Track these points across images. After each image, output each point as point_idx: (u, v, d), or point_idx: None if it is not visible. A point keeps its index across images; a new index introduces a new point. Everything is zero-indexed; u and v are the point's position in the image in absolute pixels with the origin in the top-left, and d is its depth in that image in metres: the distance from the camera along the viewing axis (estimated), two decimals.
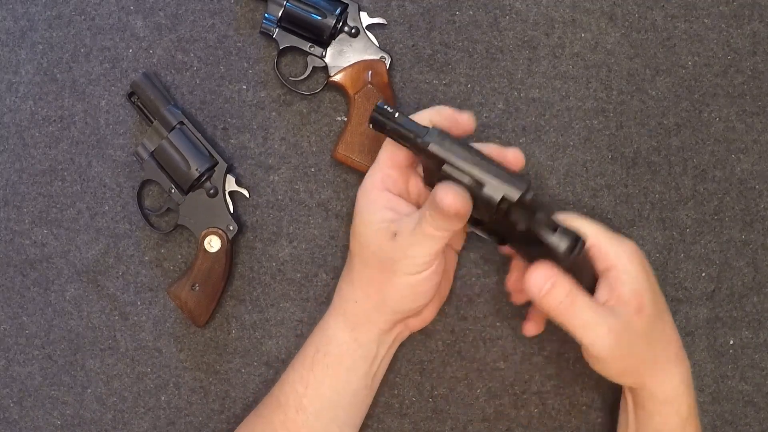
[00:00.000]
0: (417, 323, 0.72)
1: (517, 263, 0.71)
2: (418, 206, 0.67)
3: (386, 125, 0.64)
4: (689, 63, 0.79)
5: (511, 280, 0.71)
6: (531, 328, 0.73)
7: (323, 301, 0.78)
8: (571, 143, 0.78)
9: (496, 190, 0.61)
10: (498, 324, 0.78)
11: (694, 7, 0.79)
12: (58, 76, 0.79)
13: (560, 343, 0.78)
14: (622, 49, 0.79)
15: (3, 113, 0.79)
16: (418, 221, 0.62)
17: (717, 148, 0.79)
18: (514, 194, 0.61)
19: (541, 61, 0.79)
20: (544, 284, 0.61)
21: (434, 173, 0.64)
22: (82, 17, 0.79)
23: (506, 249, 0.70)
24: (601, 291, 0.64)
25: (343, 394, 0.67)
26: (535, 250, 0.62)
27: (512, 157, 0.64)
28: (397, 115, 0.64)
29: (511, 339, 0.78)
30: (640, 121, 0.79)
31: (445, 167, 0.62)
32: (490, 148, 0.65)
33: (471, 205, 0.61)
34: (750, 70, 0.79)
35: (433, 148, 0.62)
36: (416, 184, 0.68)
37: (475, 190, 0.61)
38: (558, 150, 0.78)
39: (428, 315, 0.72)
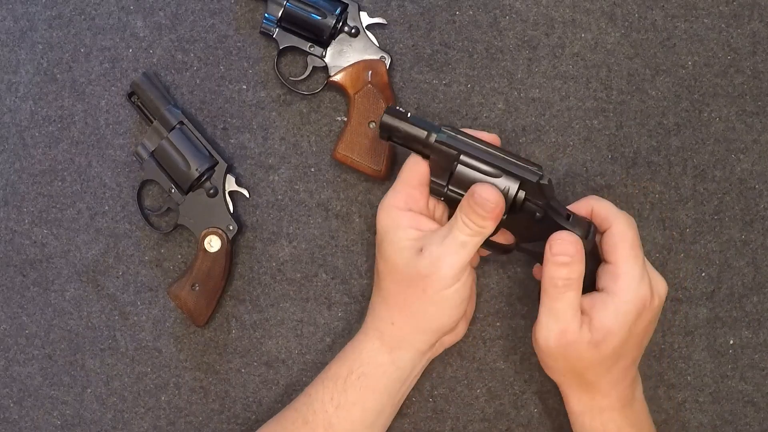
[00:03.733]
0: (450, 339, 0.72)
1: None
2: (440, 224, 0.68)
3: (399, 128, 0.65)
4: (689, 63, 0.79)
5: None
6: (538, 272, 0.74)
7: (323, 302, 0.78)
8: (571, 143, 0.78)
9: (514, 175, 0.63)
10: (498, 324, 0.78)
11: (694, 7, 0.79)
12: (58, 76, 0.79)
13: None
14: (622, 49, 0.79)
15: (3, 113, 0.79)
16: (449, 231, 0.64)
17: (717, 148, 0.79)
18: (533, 177, 0.63)
19: (541, 61, 0.79)
20: (564, 257, 0.62)
21: (445, 172, 0.65)
22: (82, 17, 0.79)
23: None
24: (601, 281, 0.66)
25: (372, 414, 0.68)
26: (543, 244, 0.64)
27: (489, 138, 0.67)
28: (409, 114, 0.66)
29: (511, 339, 0.78)
30: (640, 121, 0.79)
31: (463, 158, 0.64)
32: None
33: (504, 201, 0.62)
34: (750, 70, 0.79)
35: (450, 141, 0.64)
36: (436, 202, 0.69)
37: (494, 179, 0.63)
38: (558, 150, 0.78)
39: (460, 330, 0.73)
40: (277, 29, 0.75)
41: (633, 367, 0.67)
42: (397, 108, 0.66)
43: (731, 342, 0.79)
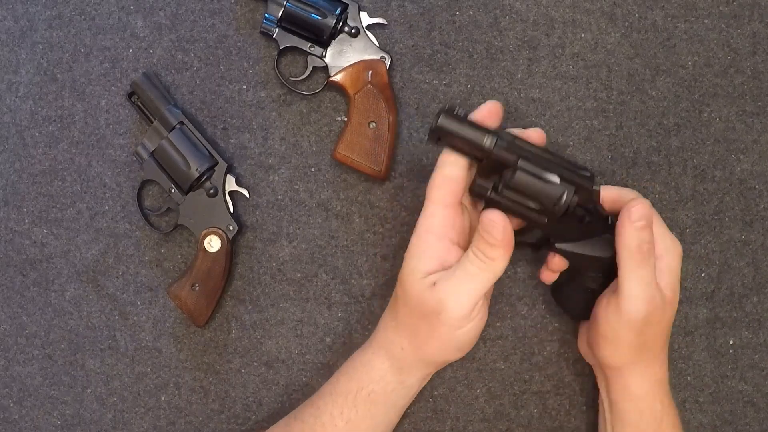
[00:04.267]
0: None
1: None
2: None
3: (458, 133, 0.60)
4: (689, 63, 0.79)
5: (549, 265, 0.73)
6: (548, 276, 0.74)
7: (323, 302, 0.78)
8: (571, 143, 0.78)
9: (571, 181, 0.61)
10: (498, 324, 0.78)
11: (694, 7, 0.79)
12: (58, 76, 0.79)
13: (560, 343, 0.78)
14: (622, 49, 0.79)
15: (3, 113, 0.79)
16: (459, 263, 0.62)
17: (717, 148, 0.79)
18: (589, 184, 0.62)
19: (541, 61, 0.79)
20: (643, 220, 0.62)
21: (494, 175, 0.62)
22: (82, 17, 0.79)
23: (547, 276, 0.72)
24: None
25: (380, 427, 0.69)
26: (581, 243, 0.65)
27: (535, 136, 0.65)
28: (465, 114, 0.61)
29: (511, 339, 0.78)
30: (640, 121, 0.79)
31: (522, 163, 0.60)
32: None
33: (512, 231, 0.61)
34: (750, 70, 0.79)
35: (511, 146, 0.61)
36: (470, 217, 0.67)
37: (551, 186, 0.60)
38: (558, 150, 0.78)
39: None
40: (277, 29, 0.75)
41: (668, 337, 0.69)
42: (455, 110, 0.61)
43: (731, 342, 0.79)
